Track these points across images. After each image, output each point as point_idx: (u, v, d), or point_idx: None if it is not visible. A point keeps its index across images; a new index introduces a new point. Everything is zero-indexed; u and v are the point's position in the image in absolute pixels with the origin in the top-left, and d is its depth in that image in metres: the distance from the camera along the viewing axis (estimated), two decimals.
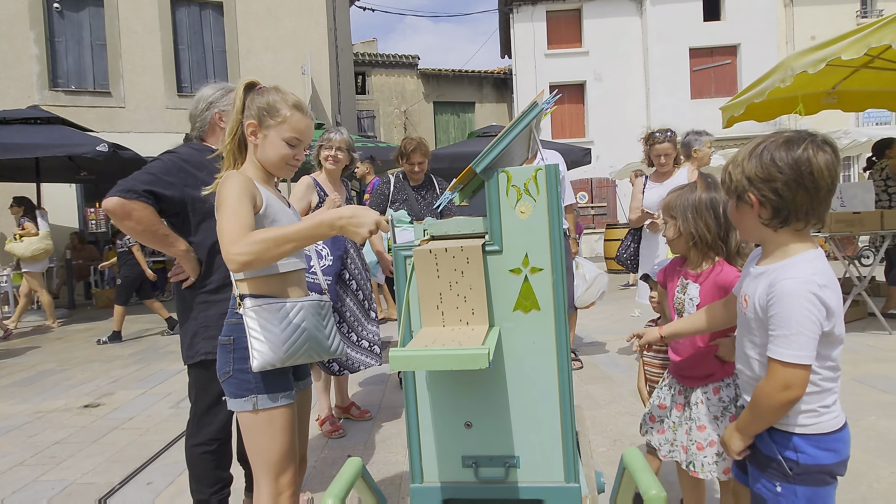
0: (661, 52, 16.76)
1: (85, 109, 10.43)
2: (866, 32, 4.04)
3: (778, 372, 1.17)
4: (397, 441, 3.04)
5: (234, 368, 1.49)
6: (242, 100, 1.55)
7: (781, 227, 1.21)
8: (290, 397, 1.53)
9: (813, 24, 16.19)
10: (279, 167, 1.57)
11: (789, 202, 1.17)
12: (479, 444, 1.28)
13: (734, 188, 1.23)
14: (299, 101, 1.57)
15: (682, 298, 1.74)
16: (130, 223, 1.79)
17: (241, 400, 1.49)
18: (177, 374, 4.74)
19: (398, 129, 19.50)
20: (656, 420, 1.86)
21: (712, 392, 1.69)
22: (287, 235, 1.40)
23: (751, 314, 1.26)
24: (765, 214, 1.21)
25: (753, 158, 1.20)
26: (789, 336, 1.14)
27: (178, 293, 1.98)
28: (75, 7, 10.69)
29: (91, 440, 3.30)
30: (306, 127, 1.57)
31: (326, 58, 11.77)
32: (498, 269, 1.23)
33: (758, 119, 5.90)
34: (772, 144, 1.19)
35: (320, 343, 1.58)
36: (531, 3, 17.24)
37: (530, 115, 1.23)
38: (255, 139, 1.54)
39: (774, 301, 1.17)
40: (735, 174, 1.22)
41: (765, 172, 1.17)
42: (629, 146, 16.89)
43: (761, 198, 1.19)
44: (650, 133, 3.89)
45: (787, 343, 1.15)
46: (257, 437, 1.49)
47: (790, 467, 1.21)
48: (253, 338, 1.44)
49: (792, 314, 1.14)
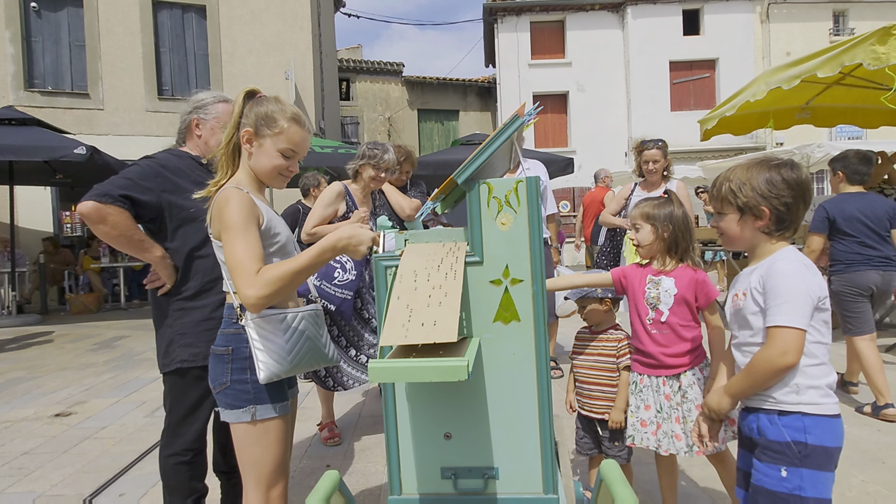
0: (642, 65, 17.08)
1: (62, 111, 10.23)
2: (839, 51, 4.15)
3: (776, 338, 1.29)
4: (377, 451, 3.01)
5: (231, 379, 1.48)
6: (241, 107, 1.54)
7: (777, 234, 1.40)
8: (286, 408, 1.54)
9: (788, 41, 16.65)
10: (271, 177, 1.57)
11: (793, 213, 1.38)
12: (458, 455, 1.28)
13: (745, 203, 1.40)
14: (298, 113, 1.57)
15: (657, 292, 1.93)
16: (105, 228, 1.76)
17: (238, 411, 1.48)
18: (152, 382, 4.65)
19: (382, 135, 19.49)
20: (648, 423, 1.93)
21: (699, 371, 1.90)
22: (299, 269, 1.41)
23: (748, 303, 1.39)
24: (770, 225, 1.39)
25: (761, 178, 1.38)
26: (783, 304, 1.29)
27: (154, 300, 1.95)
28: (53, 7, 10.50)
29: (62, 450, 3.21)
30: (302, 139, 1.56)
31: (311, 63, 11.73)
32: (478, 280, 1.24)
33: (734, 132, 6.02)
34: (775, 167, 1.39)
35: (319, 351, 1.60)
36: (515, 13, 17.44)
37: (512, 127, 1.24)
38: (250, 147, 1.54)
39: (768, 278, 1.33)
40: (745, 191, 1.39)
41: (776, 189, 1.37)
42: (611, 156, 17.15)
43: (772, 210, 1.37)
44: (640, 141, 3.95)
45: (782, 310, 1.29)
46: (251, 449, 1.48)
47: (798, 450, 1.29)
48: (257, 349, 1.45)
49: (784, 284, 1.30)
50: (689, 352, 1.91)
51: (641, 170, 3.99)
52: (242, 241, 1.39)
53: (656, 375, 1.93)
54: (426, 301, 1.10)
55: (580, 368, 2.15)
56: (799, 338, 1.27)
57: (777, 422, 1.32)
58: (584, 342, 2.17)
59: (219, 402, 1.52)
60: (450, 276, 1.16)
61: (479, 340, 1.22)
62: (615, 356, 2.06)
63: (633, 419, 1.96)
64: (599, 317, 2.14)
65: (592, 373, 2.10)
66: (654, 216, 1.95)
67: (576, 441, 2.19)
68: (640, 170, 4.00)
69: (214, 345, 1.55)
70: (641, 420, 1.95)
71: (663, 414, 1.91)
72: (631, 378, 2.01)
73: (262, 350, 1.45)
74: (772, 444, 1.32)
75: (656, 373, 1.93)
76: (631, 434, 1.97)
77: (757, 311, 1.36)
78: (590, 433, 2.14)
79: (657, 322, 1.92)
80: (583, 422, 2.16)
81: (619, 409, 2.00)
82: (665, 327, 1.91)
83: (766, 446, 1.33)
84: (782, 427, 1.31)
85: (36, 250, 9.57)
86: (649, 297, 1.95)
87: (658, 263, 1.98)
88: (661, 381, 1.92)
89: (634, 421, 1.96)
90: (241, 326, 1.48)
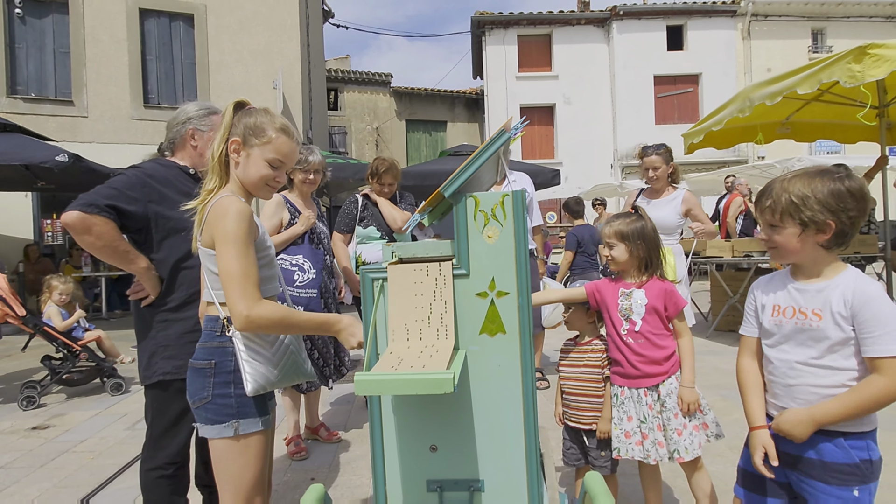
0: (627, 79, 17.35)
1: (45, 118, 10.10)
2: (817, 68, 4.26)
3: (892, 368, 1.24)
4: (363, 463, 2.99)
5: (213, 393, 1.46)
6: (231, 118, 1.54)
7: (835, 249, 1.36)
8: (268, 422, 1.53)
9: (768, 57, 17.05)
10: (258, 187, 1.56)
11: (855, 227, 1.34)
12: (443, 467, 1.27)
13: (810, 218, 1.33)
14: (286, 124, 1.58)
15: (629, 304, 2.00)
16: (90, 238, 1.73)
17: (219, 426, 1.46)
18: (133, 394, 4.57)
19: (370, 145, 19.51)
20: (632, 434, 1.97)
21: (675, 380, 1.97)
22: (295, 323, 1.47)
23: (828, 326, 1.33)
24: (832, 239, 1.34)
25: (825, 191, 1.32)
26: (892, 332, 1.25)
27: (137, 311, 1.93)
28: (38, 13, 10.41)
29: (38, 464, 3.13)
30: (290, 150, 1.57)
31: (299, 73, 11.73)
32: (465, 292, 1.24)
33: (717, 146, 6.13)
34: (838, 178, 1.33)
35: (300, 366, 1.61)
36: (503, 26, 17.64)
37: (498, 141, 1.25)
38: (237, 157, 1.53)
39: (864, 304, 1.28)
40: (810, 204, 1.33)
41: (843, 203, 1.32)
42: (597, 167, 17.35)
43: (838, 224, 1.32)
44: (642, 147, 3.88)
45: (892, 339, 1.25)
46: (231, 464, 1.46)
47: (865, 468, 1.30)
48: (245, 361, 1.44)
49: (884, 311, 1.27)
50: (665, 359, 1.98)
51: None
52: (243, 257, 1.39)
53: (636, 387, 1.98)
54: (418, 356, 1.13)
55: (567, 380, 2.16)
56: None
57: (844, 445, 1.31)
58: (569, 354, 2.19)
59: (198, 417, 1.49)
60: (441, 333, 1.19)
61: (465, 352, 1.23)
62: (600, 367, 2.08)
63: (618, 431, 1.99)
64: (582, 325, 2.16)
65: (579, 384, 2.11)
66: (627, 234, 2.01)
67: (563, 452, 2.20)
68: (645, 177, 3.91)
69: (193, 358, 1.52)
70: (625, 432, 1.98)
71: (648, 424, 1.95)
72: (612, 391, 2.04)
73: (250, 361, 1.44)
74: (841, 467, 1.31)
75: (636, 384, 1.98)
76: (616, 446, 1.99)
77: (842, 335, 1.31)
78: (577, 444, 2.15)
79: (632, 332, 1.99)
80: (570, 433, 2.17)
81: (606, 420, 2.03)
82: (640, 336, 1.98)
83: (834, 469, 1.31)
84: (850, 449, 1.31)
85: (15, 259, 9.38)
86: (622, 308, 2.02)
87: (630, 278, 2.05)
88: (643, 392, 1.97)
89: (619, 433, 1.99)
90: (226, 339, 1.46)
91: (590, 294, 2.10)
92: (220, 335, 1.48)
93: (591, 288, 2.11)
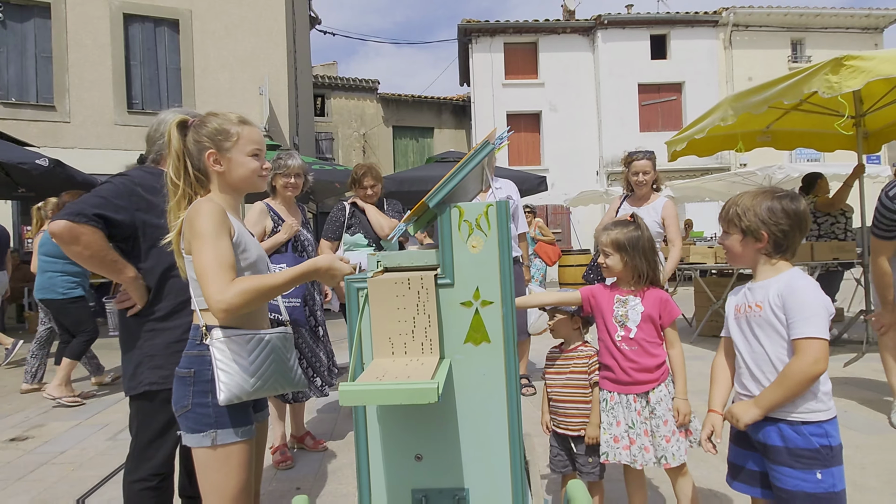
0: (611, 87, 17.56)
1: (26, 123, 9.96)
2: (798, 79, 4.36)
3: (807, 349, 1.42)
4: (349, 472, 2.97)
5: (193, 402, 1.46)
6: (181, 140, 1.52)
7: (776, 256, 1.57)
8: (249, 433, 1.51)
9: (749, 67, 17.37)
10: (252, 181, 1.58)
11: (789, 240, 1.56)
12: (429, 477, 1.28)
13: (749, 227, 1.57)
14: (240, 115, 1.60)
15: (625, 311, 2.02)
16: (78, 248, 1.71)
17: (198, 435, 1.45)
18: (115, 403, 4.50)
19: (357, 151, 19.49)
20: (620, 439, 1.98)
21: (665, 388, 1.99)
22: (273, 285, 1.40)
23: (767, 314, 1.53)
24: (768, 247, 1.56)
25: (763, 206, 1.55)
26: (810, 317, 1.43)
27: (123, 321, 1.90)
28: (20, 17, 10.28)
29: (17, 477, 3.07)
30: (259, 136, 1.60)
31: (285, 79, 11.70)
32: (449, 301, 1.25)
33: (699, 154, 6.23)
34: (777, 197, 1.56)
35: (285, 375, 1.58)
36: (490, 34, 17.78)
37: (482, 153, 1.27)
38: (220, 166, 1.53)
39: (790, 294, 1.47)
40: (749, 216, 1.57)
41: (775, 217, 1.54)
42: (583, 174, 17.50)
43: (770, 235, 1.54)
44: (629, 152, 3.85)
45: (810, 323, 1.43)
46: (213, 474, 1.45)
47: (825, 453, 1.44)
48: (220, 370, 1.42)
49: (808, 299, 1.45)
50: (656, 367, 1.99)
51: (630, 183, 3.85)
52: (213, 248, 1.37)
53: (626, 393, 1.99)
54: (403, 367, 1.15)
55: (553, 387, 2.17)
56: (826, 347, 1.42)
57: (804, 431, 1.46)
58: (555, 361, 2.20)
59: (181, 425, 1.48)
60: (426, 348, 1.21)
61: (449, 362, 1.24)
62: (587, 372, 2.09)
63: (607, 436, 2.01)
64: (567, 332, 2.17)
65: (565, 390, 2.12)
66: (623, 244, 2.01)
67: (550, 459, 2.21)
68: (629, 183, 3.86)
69: (178, 367, 1.52)
70: (614, 436, 1.99)
71: (636, 429, 1.97)
72: (601, 396, 2.05)
73: (224, 371, 1.42)
74: (803, 452, 1.45)
75: (626, 390, 1.99)
76: (605, 451, 2.00)
77: (775, 319, 1.50)
78: (564, 451, 2.16)
79: (626, 339, 1.99)
80: (558, 440, 2.18)
81: (594, 425, 2.04)
82: (634, 343, 1.98)
83: (797, 455, 1.46)
84: (809, 436, 1.46)
85: None
86: (618, 314, 2.02)
87: (626, 285, 2.06)
88: (633, 398, 1.98)
89: (608, 438, 2.00)
90: (205, 347, 1.45)
91: (585, 299, 2.10)
92: (200, 343, 1.47)
93: (586, 293, 2.10)
